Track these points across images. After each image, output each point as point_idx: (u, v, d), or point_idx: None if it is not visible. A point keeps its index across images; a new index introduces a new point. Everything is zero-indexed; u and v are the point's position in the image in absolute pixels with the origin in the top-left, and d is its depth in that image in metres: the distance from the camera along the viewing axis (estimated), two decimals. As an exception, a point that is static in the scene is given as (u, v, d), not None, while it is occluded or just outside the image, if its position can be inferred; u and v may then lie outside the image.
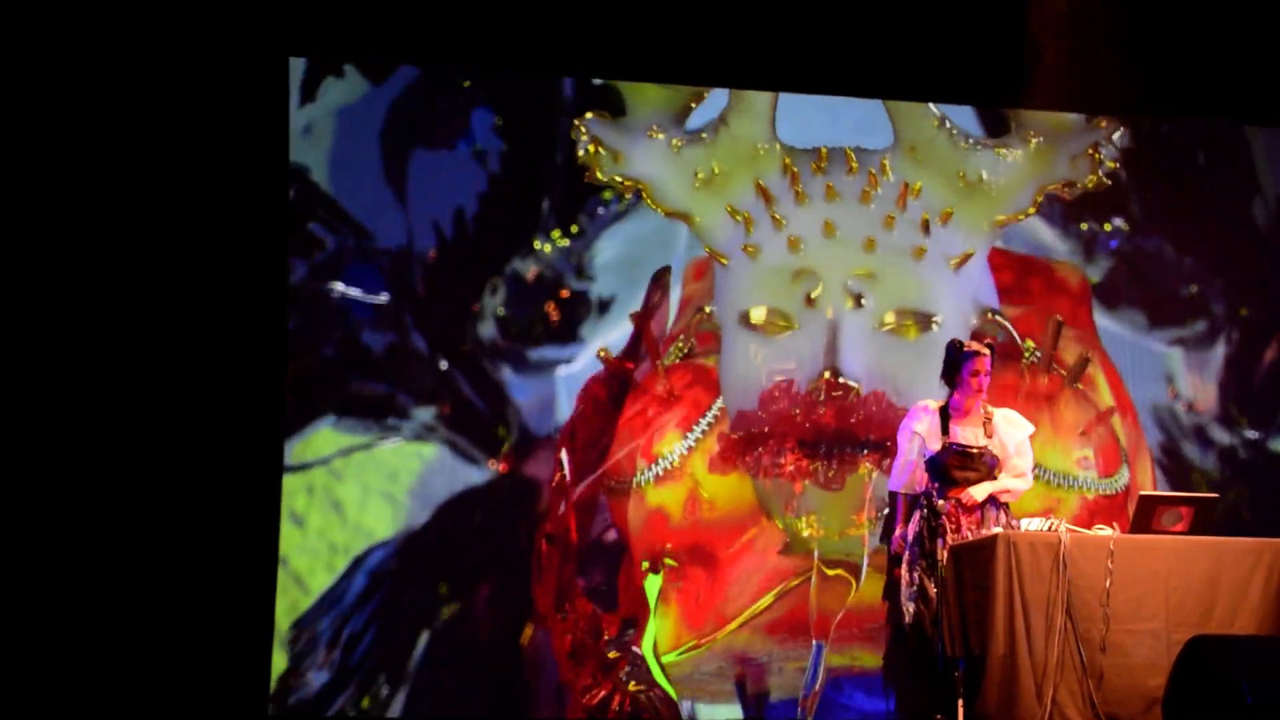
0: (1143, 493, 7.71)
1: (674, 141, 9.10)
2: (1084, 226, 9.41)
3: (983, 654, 7.22)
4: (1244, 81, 9.53)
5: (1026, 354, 9.08)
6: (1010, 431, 7.69)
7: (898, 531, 7.58)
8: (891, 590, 7.64)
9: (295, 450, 8.70)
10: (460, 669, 8.79)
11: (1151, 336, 9.53)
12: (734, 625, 8.79)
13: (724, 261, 9.02)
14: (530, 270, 9.06)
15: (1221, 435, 9.50)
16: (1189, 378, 9.53)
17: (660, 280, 9.11)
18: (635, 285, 9.12)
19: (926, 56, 9.30)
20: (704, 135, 9.14)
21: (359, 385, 8.86)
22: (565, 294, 9.08)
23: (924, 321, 9.00)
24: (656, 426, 8.92)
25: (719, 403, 8.92)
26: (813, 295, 8.95)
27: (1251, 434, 9.58)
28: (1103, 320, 9.44)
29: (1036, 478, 8.66)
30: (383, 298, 8.88)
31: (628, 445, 8.89)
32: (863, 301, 8.99)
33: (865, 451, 8.77)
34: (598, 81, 9.13)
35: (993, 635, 7.17)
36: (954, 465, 7.60)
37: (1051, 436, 9.02)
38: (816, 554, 8.80)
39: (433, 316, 8.95)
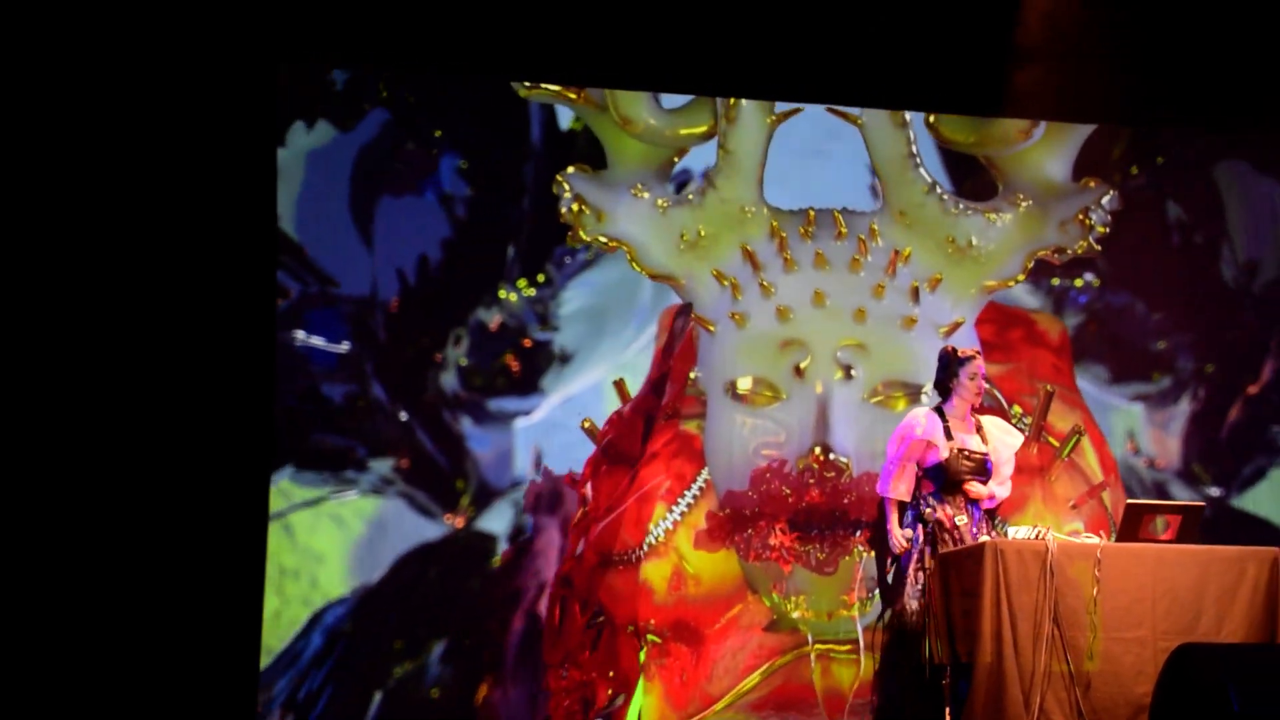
0: (1129, 500, 7.73)
1: (659, 201, 9.03)
2: (1055, 281, 9.39)
3: (970, 662, 7.27)
4: (1224, 90, 9.57)
5: (1014, 420, 8.97)
6: (1004, 438, 7.81)
7: (899, 534, 7.62)
8: (891, 591, 7.69)
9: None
10: None
11: (1112, 391, 9.54)
12: (721, 705, 8.73)
13: (711, 329, 8.93)
14: (494, 319, 9.00)
15: (1181, 491, 9.50)
16: (1151, 433, 9.56)
17: (681, 317, 9.07)
18: (599, 336, 9.08)
19: (911, 65, 9.29)
20: (690, 196, 9.08)
21: (318, 437, 8.79)
22: (528, 344, 9.02)
23: (913, 393, 8.96)
24: (650, 497, 8.92)
25: (704, 474, 8.84)
26: (802, 366, 8.89)
27: (1214, 491, 9.59)
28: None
29: None
30: (344, 346, 8.81)
31: (632, 520, 8.90)
32: (852, 373, 8.94)
33: (857, 533, 8.72)
34: (565, 127, 9.11)
35: (980, 643, 7.21)
36: (965, 470, 7.67)
37: (1042, 509, 9.01)
38: (811, 638, 8.75)
39: (394, 366, 8.90)
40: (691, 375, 8.97)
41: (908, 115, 9.21)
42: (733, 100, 9.10)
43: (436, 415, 8.91)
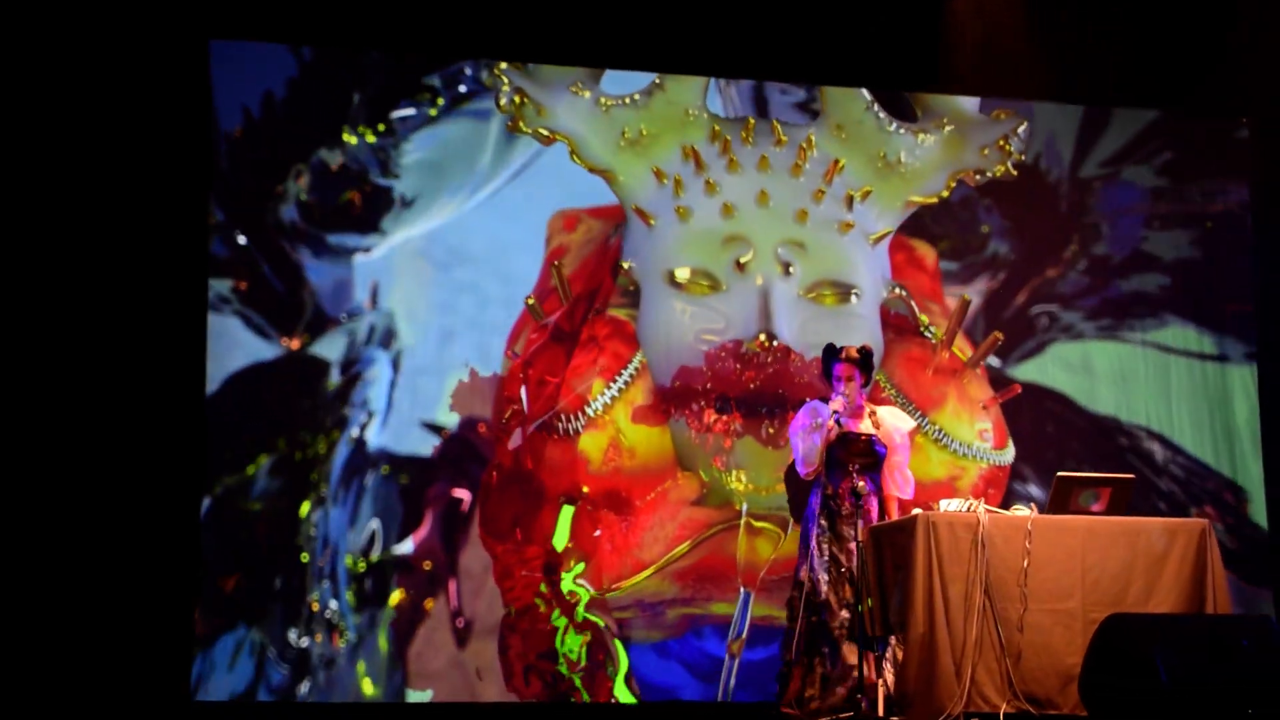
0: (1060, 473, 7.72)
1: (602, 100, 9.28)
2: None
3: (902, 633, 7.29)
4: (1151, 67, 10.17)
5: (923, 329, 9.48)
6: (895, 424, 7.96)
7: (807, 509, 7.86)
8: (799, 556, 7.92)
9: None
10: (239, 535, 8.86)
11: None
12: (650, 571, 9.01)
13: (650, 221, 9.22)
14: (336, 160, 9.12)
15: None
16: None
17: (559, 223, 9.30)
18: (438, 189, 9.19)
19: (849, 41, 9.69)
20: (636, 97, 9.33)
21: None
22: (369, 189, 9.15)
23: (844, 292, 9.36)
24: (586, 374, 9.11)
25: (639, 356, 9.11)
26: (743, 260, 9.24)
27: (995, 362, 9.75)
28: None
29: (943, 447, 9.29)
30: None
31: (569, 390, 9.08)
32: (790, 270, 9.29)
33: (803, 411, 9.01)
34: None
35: (912, 615, 7.19)
36: (845, 452, 7.79)
37: (958, 408, 9.43)
38: (745, 507, 9.07)
39: (234, 192, 9.00)
40: (625, 265, 9.21)
41: None
42: None
43: (275, 243, 9.01)
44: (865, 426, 7.85)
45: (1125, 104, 10.18)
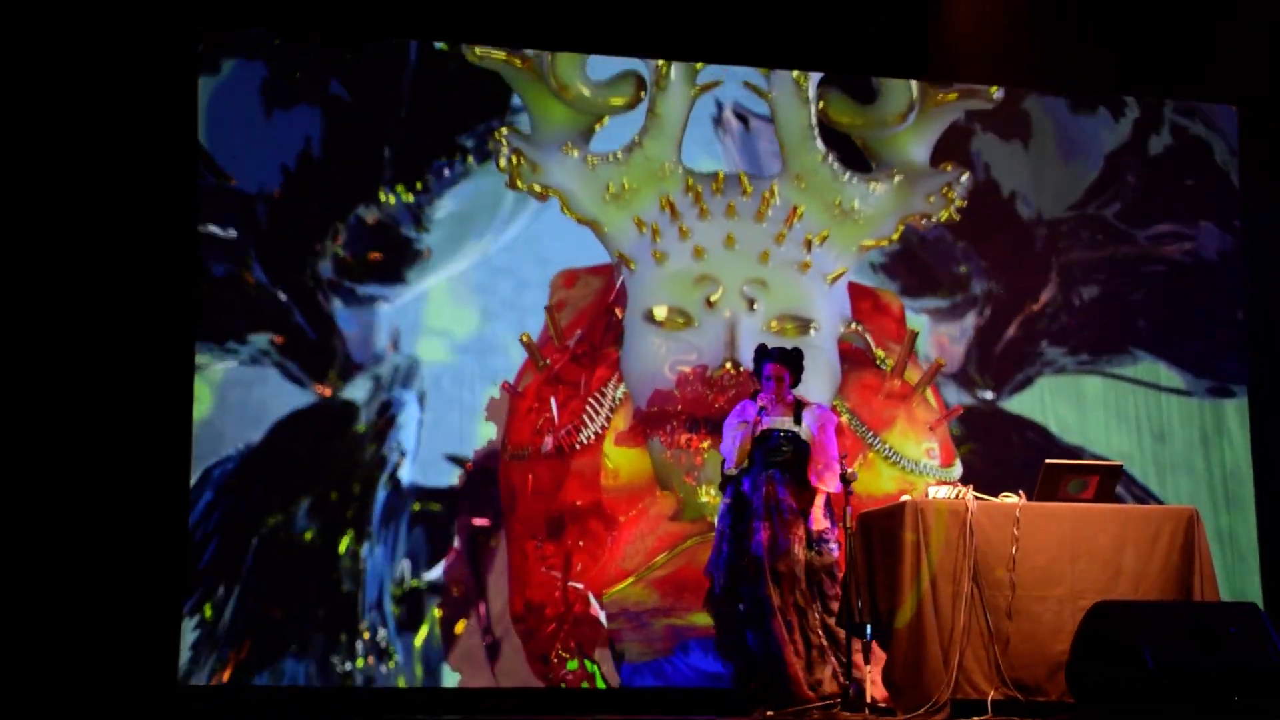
0: (1048, 461, 7.60)
1: (589, 158, 10.03)
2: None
3: (890, 620, 7.18)
4: (1133, 55, 10.60)
5: (878, 362, 10.16)
6: (813, 422, 8.15)
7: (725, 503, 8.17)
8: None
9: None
10: (283, 572, 9.40)
11: (908, 304, 10.35)
12: (632, 580, 9.64)
13: (632, 266, 9.98)
14: (372, 216, 9.74)
15: (956, 394, 10.32)
16: (934, 339, 10.34)
17: (559, 281, 9.97)
18: (463, 237, 9.83)
19: (836, 28, 10.27)
20: (618, 154, 10.10)
21: (207, 315, 9.50)
22: (399, 242, 9.75)
23: (804, 326, 10.04)
24: (574, 407, 9.82)
25: (622, 387, 9.82)
26: (712, 299, 9.95)
27: (987, 394, 10.37)
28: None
29: (893, 463, 9.94)
30: (231, 233, 9.57)
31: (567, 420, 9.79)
32: (755, 306, 10.00)
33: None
34: (439, 45, 9.91)
35: (900, 602, 7.11)
36: (764, 449, 8.07)
37: (906, 429, 10.03)
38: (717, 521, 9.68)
39: (275, 252, 9.63)
40: (619, 313, 9.90)
41: (811, 93, 10.25)
42: (663, 68, 10.07)
43: (311, 296, 9.63)
44: (788, 424, 8.04)
45: (1114, 91, 10.66)
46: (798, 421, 8.16)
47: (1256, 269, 10.84)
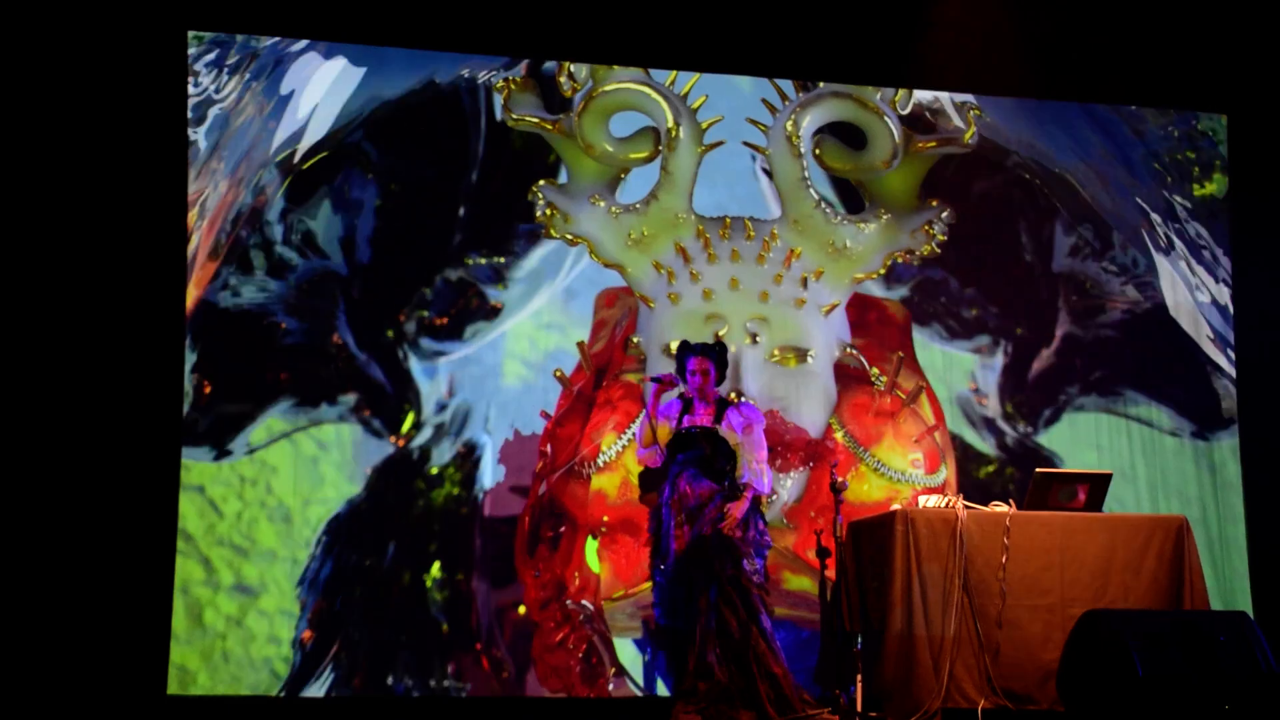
0: (1039, 470, 7.50)
1: (613, 209, 10.80)
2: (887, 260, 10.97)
3: (881, 629, 7.08)
4: (1108, 64, 10.92)
5: (873, 379, 10.77)
6: (738, 420, 8.12)
7: (651, 496, 8.27)
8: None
9: (253, 436, 10.11)
10: (377, 609, 10.02)
11: (954, 345, 10.94)
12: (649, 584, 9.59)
13: (651, 305, 10.82)
14: (456, 276, 10.41)
15: (1003, 426, 10.82)
16: (981, 376, 10.90)
17: (602, 300, 10.59)
18: (532, 293, 10.53)
19: (824, 37, 10.73)
20: (638, 206, 10.85)
21: (289, 381, 10.15)
22: (476, 301, 10.39)
23: (801, 355, 10.66)
24: (602, 428, 10.44)
25: (644, 413, 10.31)
26: (720, 334, 10.54)
27: (1024, 427, 10.85)
28: (917, 334, 10.92)
29: (881, 474, 10.69)
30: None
31: (589, 442, 10.41)
32: (757, 339, 10.62)
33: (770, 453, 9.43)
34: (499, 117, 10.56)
35: (891, 610, 7.02)
36: (680, 447, 8.10)
37: (893, 443, 10.59)
38: (723, 529, 10.57)
39: (365, 320, 10.31)
40: (634, 340, 10.54)
41: (802, 148, 10.87)
42: (673, 130, 10.75)
43: (392, 355, 10.24)
44: (708, 421, 8.02)
45: (1104, 100, 11.09)
46: (719, 419, 8.12)
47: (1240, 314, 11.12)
